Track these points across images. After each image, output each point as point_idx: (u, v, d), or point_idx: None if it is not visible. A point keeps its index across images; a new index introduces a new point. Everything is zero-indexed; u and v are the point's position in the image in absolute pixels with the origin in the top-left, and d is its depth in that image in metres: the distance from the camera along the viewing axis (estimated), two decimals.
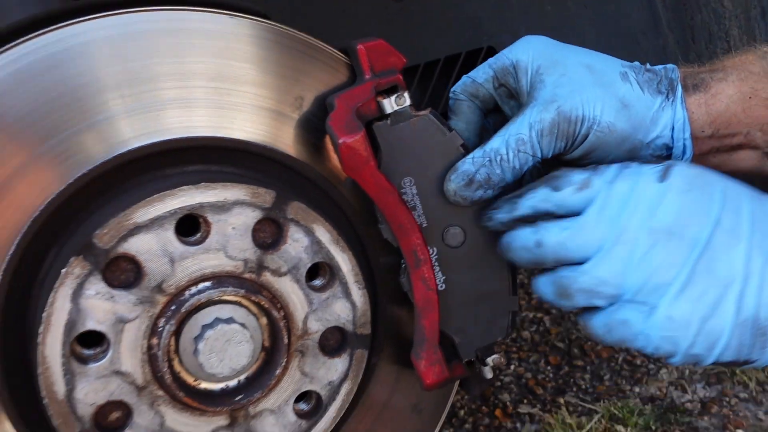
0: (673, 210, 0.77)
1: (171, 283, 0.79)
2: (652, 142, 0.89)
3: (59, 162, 0.78)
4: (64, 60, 0.77)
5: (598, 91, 0.87)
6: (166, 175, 0.84)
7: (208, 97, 0.84)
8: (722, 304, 0.76)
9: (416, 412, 1.06)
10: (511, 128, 0.87)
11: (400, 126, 0.89)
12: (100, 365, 0.77)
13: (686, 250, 0.76)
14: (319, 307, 0.88)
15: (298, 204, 0.85)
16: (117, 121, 0.80)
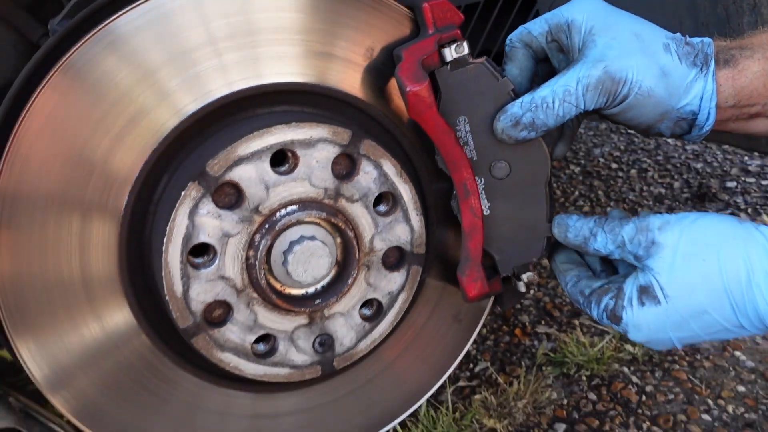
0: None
1: (266, 206, 0.95)
2: (681, 108, 1.00)
3: (178, 100, 0.93)
4: (184, 12, 0.91)
5: (643, 58, 0.97)
6: (258, 114, 0.99)
7: (296, 48, 0.98)
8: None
9: (457, 321, 1.23)
10: (560, 80, 0.98)
11: (458, 71, 1.02)
12: (208, 271, 0.94)
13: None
14: (383, 229, 1.04)
15: (369, 142, 1.00)
16: (224, 68, 0.94)
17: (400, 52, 1.01)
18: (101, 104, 0.89)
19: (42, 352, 0.94)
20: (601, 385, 1.90)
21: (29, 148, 0.89)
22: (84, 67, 0.88)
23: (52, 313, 0.94)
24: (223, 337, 0.97)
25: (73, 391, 0.98)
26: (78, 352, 0.96)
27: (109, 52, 0.89)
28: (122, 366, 0.99)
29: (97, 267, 0.94)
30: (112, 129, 0.90)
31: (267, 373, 1.02)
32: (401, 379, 1.22)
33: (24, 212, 0.89)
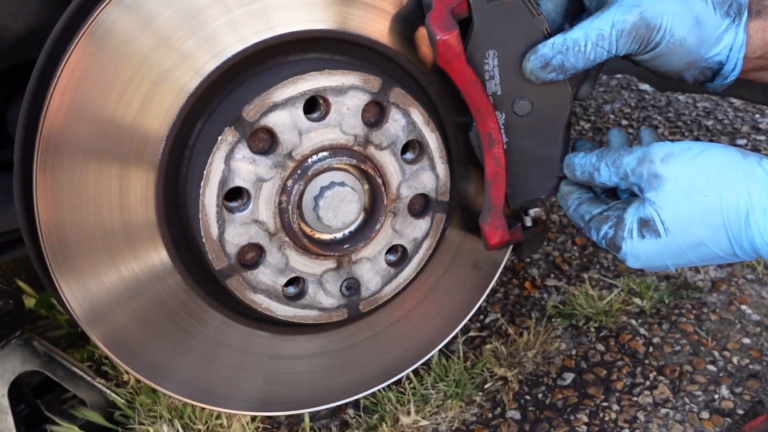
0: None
1: (298, 152, 0.97)
2: (710, 58, 1.01)
3: (213, 46, 0.94)
4: None
5: (679, 6, 0.97)
6: (290, 61, 1.00)
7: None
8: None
9: (476, 268, 1.27)
10: (594, 22, 0.98)
11: (494, 3, 1.01)
12: (243, 215, 0.97)
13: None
14: (409, 177, 1.06)
15: (399, 90, 1.01)
16: (259, 14, 0.95)
17: (430, 1, 1.02)
18: (132, 57, 0.91)
19: (82, 290, 0.98)
20: (609, 337, 1.95)
21: (66, 104, 0.91)
22: (110, 26, 0.90)
23: (93, 255, 0.97)
24: (256, 279, 1.01)
25: (109, 326, 1.02)
26: (115, 289, 1.00)
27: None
28: (156, 302, 1.03)
29: (136, 212, 0.97)
30: (145, 78, 0.93)
31: (296, 315, 1.06)
32: (418, 327, 1.26)
33: (66, 161, 0.92)
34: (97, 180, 0.94)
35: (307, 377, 1.19)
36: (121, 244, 0.97)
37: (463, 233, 1.23)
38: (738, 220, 0.93)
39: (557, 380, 1.84)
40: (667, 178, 0.95)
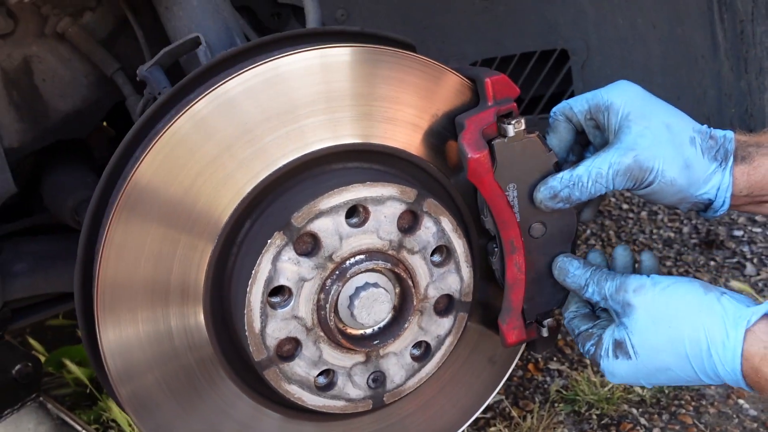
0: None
1: (338, 254, 1.06)
2: (699, 196, 1.12)
3: (267, 156, 1.04)
4: (278, 83, 1.02)
5: (670, 150, 1.09)
6: (334, 170, 1.10)
7: (372, 112, 1.09)
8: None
9: (491, 362, 1.34)
10: (595, 161, 1.10)
11: (514, 144, 1.13)
12: (284, 311, 1.05)
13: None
14: (437, 279, 1.14)
15: (431, 200, 1.10)
16: (309, 129, 1.05)
17: (462, 121, 1.12)
18: (196, 166, 1.02)
19: (121, 348, 1.04)
20: (610, 425, 2.00)
21: (145, 182, 1.01)
22: (177, 141, 1.01)
23: (138, 311, 1.04)
24: (291, 370, 1.07)
25: (136, 386, 1.07)
26: (151, 351, 1.06)
27: (216, 113, 1.01)
28: (184, 370, 1.09)
29: (188, 279, 1.06)
30: (205, 186, 1.03)
31: (325, 405, 1.12)
32: (433, 418, 1.32)
33: (137, 221, 1.02)
34: (161, 243, 1.03)
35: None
36: (166, 309, 1.06)
37: (480, 329, 1.30)
38: (700, 351, 1.04)
39: None
40: (637, 307, 1.08)
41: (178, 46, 1.23)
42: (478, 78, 1.15)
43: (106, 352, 1.03)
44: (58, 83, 1.60)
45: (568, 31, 1.85)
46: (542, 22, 1.87)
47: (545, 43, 1.88)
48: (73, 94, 1.63)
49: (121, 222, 1.00)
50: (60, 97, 1.62)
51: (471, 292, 1.18)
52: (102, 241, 1.00)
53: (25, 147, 1.64)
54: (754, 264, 2.67)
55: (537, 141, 1.13)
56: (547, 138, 1.21)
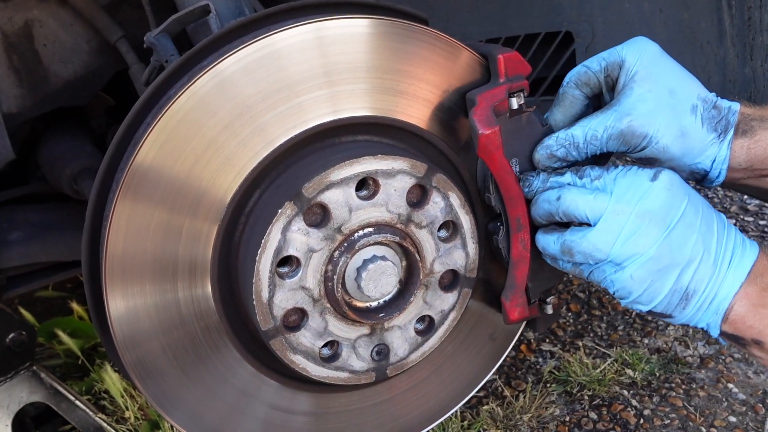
0: (657, 200, 1.02)
1: (347, 227, 1.05)
2: (693, 165, 1.11)
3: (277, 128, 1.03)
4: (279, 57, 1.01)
5: (668, 117, 1.08)
6: (343, 142, 1.09)
7: (383, 86, 1.09)
8: (667, 275, 1.03)
9: (492, 339, 1.34)
10: (591, 122, 1.10)
11: (515, 119, 1.13)
12: (292, 281, 1.05)
13: (659, 232, 1.02)
14: (443, 254, 1.15)
15: (441, 175, 1.10)
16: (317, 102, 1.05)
17: (474, 97, 1.12)
18: (198, 146, 1.02)
19: (128, 316, 1.04)
20: (601, 405, 2.03)
21: (149, 162, 0.99)
22: (178, 120, 1.00)
23: (146, 284, 1.04)
24: (297, 340, 1.07)
25: (141, 353, 1.07)
26: (158, 319, 1.06)
27: (215, 92, 1.00)
28: (189, 338, 1.09)
29: (195, 254, 1.05)
30: (209, 164, 1.02)
31: (329, 376, 1.12)
32: (433, 393, 1.33)
33: (145, 197, 1.01)
34: (168, 219, 1.02)
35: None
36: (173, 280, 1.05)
37: (483, 305, 1.31)
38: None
39: None
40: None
41: (186, 13, 1.21)
42: (490, 54, 1.15)
43: (114, 320, 1.03)
44: (59, 48, 1.58)
45: (574, 13, 1.85)
46: (547, 4, 1.86)
47: (550, 24, 1.87)
48: (74, 60, 1.61)
49: (126, 204, 0.99)
50: (61, 63, 1.59)
51: (476, 268, 1.19)
52: (108, 221, 0.99)
53: (25, 113, 1.62)
54: None
55: (535, 114, 1.14)
56: (552, 112, 1.20)
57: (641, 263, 1.02)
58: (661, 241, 1.02)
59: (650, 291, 1.04)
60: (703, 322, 1.07)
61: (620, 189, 1.04)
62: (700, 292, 1.04)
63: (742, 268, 1.04)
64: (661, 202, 1.02)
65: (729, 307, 1.04)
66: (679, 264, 1.03)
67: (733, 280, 1.04)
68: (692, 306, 1.05)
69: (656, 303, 1.06)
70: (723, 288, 1.04)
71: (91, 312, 1.09)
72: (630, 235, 1.02)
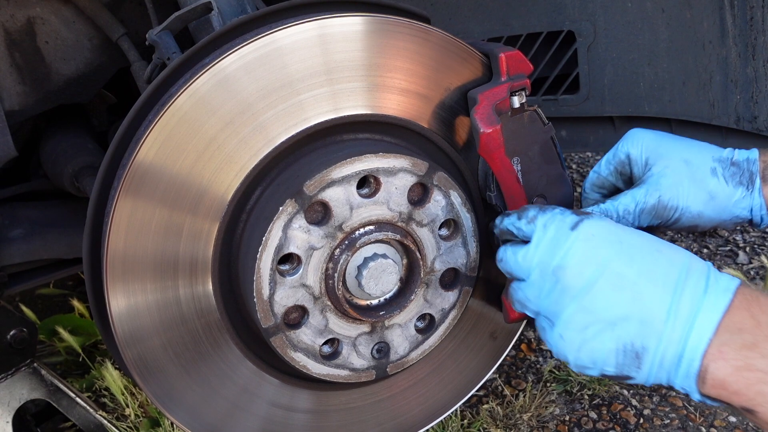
0: (573, 254, 0.94)
1: (348, 224, 1.06)
2: (733, 219, 1.13)
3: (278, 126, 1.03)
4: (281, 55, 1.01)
5: (692, 187, 1.10)
6: (345, 140, 1.09)
7: (385, 84, 1.09)
8: (601, 335, 0.91)
9: (492, 338, 1.34)
10: (623, 199, 1.12)
11: (516, 117, 1.14)
12: (293, 278, 1.05)
13: (575, 289, 0.93)
14: (444, 252, 1.15)
15: (442, 174, 1.10)
16: (318, 100, 1.05)
17: (475, 95, 1.12)
18: (198, 145, 1.02)
19: (129, 313, 1.04)
20: (601, 405, 2.03)
21: (149, 160, 0.99)
22: (178, 119, 1.00)
23: (147, 282, 1.04)
24: (298, 338, 1.08)
25: (142, 350, 1.07)
26: (159, 317, 1.06)
27: (216, 90, 1.00)
28: (191, 335, 1.09)
29: (196, 253, 1.05)
30: (209, 163, 1.02)
31: (330, 374, 1.12)
32: (433, 391, 1.33)
33: (145, 196, 1.01)
34: (168, 217, 1.02)
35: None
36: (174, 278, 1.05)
37: (483, 303, 1.31)
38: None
39: None
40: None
41: (189, 11, 1.22)
42: (492, 53, 1.15)
43: (115, 317, 1.03)
44: (61, 46, 1.58)
45: (576, 12, 1.85)
46: (550, 3, 1.86)
47: (552, 23, 1.88)
48: (76, 58, 1.61)
49: (127, 202, 1.00)
50: (63, 60, 1.60)
51: (476, 266, 1.19)
52: (109, 220, 1.00)
53: (26, 110, 1.62)
54: (746, 252, 2.70)
55: (537, 113, 1.14)
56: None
57: (564, 322, 0.94)
58: (578, 299, 0.92)
59: (587, 352, 0.93)
60: (677, 384, 0.92)
61: (545, 238, 0.97)
62: (650, 349, 0.90)
63: (708, 322, 0.87)
64: (578, 257, 0.93)
65: (701, 369, 0.87)
66: (611, 322, 0.91)
67: (698, 338, 0.87)
68: (647, 365, 0.91)
69: (603, 365, 0.93)
70: (689, 346, 0.88)
71: (92, 309, 1.09)
72: (549, 292, 0.96)
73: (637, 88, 1.81)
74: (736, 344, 0.85)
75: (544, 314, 0.98)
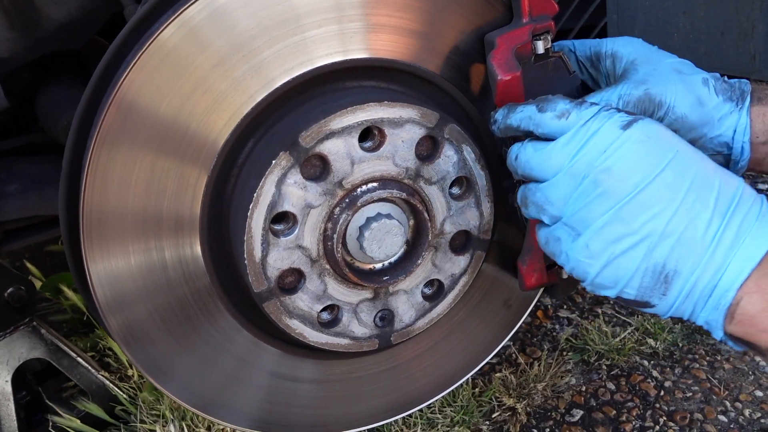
0: (623, 156, 0.83)
1: (349, 181, 0.96)
2: (715, 138, 1.04)
3: (270, 71, 0.93)
4: None
5: (681, 87, 1.02)
6: (348, 87, 0.99)
7: (392, 24, 0.97)
8: (633, 250, 0.83)
9: (506, 306, 1.25)
10: (604, 94, 1.02)
11: (540, 63, 1.03)
12: (287, 239, 0.96)
13: (618, 195, 0.83)
14: (455, 213, 1.05)
15: (454, 126, 1.00)
16: (319, 41, 0.94)
17: (493, 39, 1.01)
18: (187, 84, 0.90)
19: (110, 277, 0.96)
20: (620, 376, 1.94)
21: (130, 100, 0.89)
22: (165, 53, 0.89)
23: (129, 243, 0.95)
24: (293, 304, 0.99)
25: (127, 317, 0.99)
26: (143, 282, 0.98)
27: (211, 21, 0.89)
28: (179, 302, 1.01)
29: (182, 209, 0.96)
30: (198, 106, 0.92)
31: (328, 342, 1.04)
32: (442, 361, 1.25)
33: (123, 147, 0.91)
34: (151, 168, 0.93)
35: (308, 402, 1.17)
36: (158, 236, 0.96)
37: (497, 269, 1.21)
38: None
39: (566, 416, 1.83)
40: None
41: None
42: None
43: (95, 281, 0.95)
44: None
45: None
46: None
47: None
48: (67, 1, 1.51)
49: (105, 147, 0.90)
50: (53, 4, 1.50)
51: (490, 229, 1.09)
52: (85, 169, 0.90)
53: (17, 58, 1.53)
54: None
55: (563, 60, 1.03)
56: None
57: (595, 230, 0.84)
58: (619, 205, 0.83)
59: (612, 268, 0.85)
60: (701, 317, 0.85)
61: (584, 136, 0.86)
62: (683, 274, 0.83)
63: (754, 249, 0.80)
64: (628, 160, 0.84)
65: (734, 302, 0.81)
66: (647, 236, 0.83)
67: (739, 267, 0.81)
68: (675, 291, 0.84)
69: (624, 285, 0.85)
70: (726, 276, 0.81)
71: (72, 273, 1.01)
72: (585, 195, 0.85)
73: (671, 40, 1.68)
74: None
75: (568, 221, 0.87)
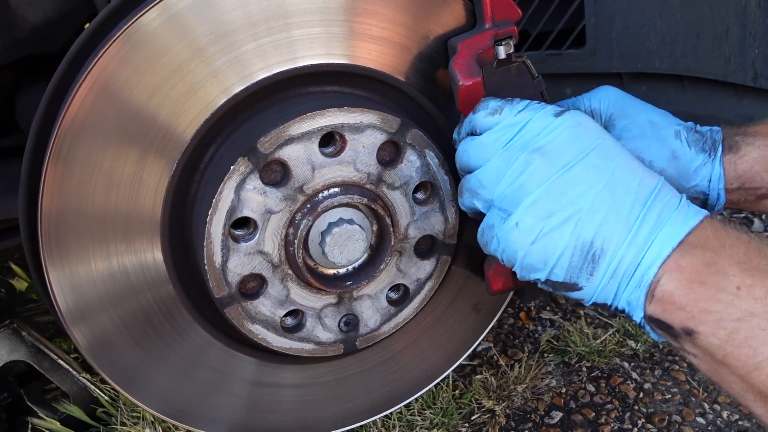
0: (555, 138, 0.87)
1: (310, 186, 0.96)
2: (692, 188, 1.09)
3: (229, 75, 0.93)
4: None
5: (655, 143, 1.07)
6: (310, 92, 0.99)
7: (351, 30, 0.97)
8: (561, 226, 0.85)
9: (475, 310, 1.25)
10: None
11: (502, 69, 1.02)
12: (248, 245, 0.96)
13: (549, 172, 0.86)
14: (419, 218, 1.05)
15: (416, 131, 1.00)
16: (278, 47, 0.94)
17: (455, 44, 1.01)
18: (161, 71, 0.89)
19: (71, 285, 0.95)
20: (600, 378, 1.94)
21: (97, 89, 0.89)
22: (144, 37, 0.88)
23: (89, 248, 0.95)
24: (255, 309, 0.99)
25: (91, 327, 0.99)
26: (105, 290, 0.97)
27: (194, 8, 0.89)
28: (143, 310, 1.01)
29: (143, 208, 0.96)
30: (170, 95, 0.91)
31: (292, 347, 1.04)
32: (412, 365, 1.25)
33: (83, 147, 0.90)
34: (112, 164, 0.92)
35: (291, 407, 1.17)
36: (119, 239, 0.96)
37: (466, 273, 1.21)
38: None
39: (545, 418, 1.83)
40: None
41: None
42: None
43: (55, 289, 0.95)
44: None
45: None
46: None
47: None
48: (43, 4, 1.51)
49: (66, 142, 0.89)
50: (29, 6, 1.50)
51: (456, 233, 1.09)
52: (45, 164, 0.90)
53: None
54: (762, 220, 2.58)
55: (525, 65, 1.03)
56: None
57: (526, 206, 0.86)
58: (550, 180, 0.85)
59: (541, 245, 0.85)
60: (623, 298, 0.86)
61: (516, 125, 0.89)
62: (609, 252, 0.84)
63: (674, 232, 0.83)
64: (559, 140, 0.86)
65: (654, 279, 0.83)
66: (576, 212, 0.84)
67: (660, 247, 0.83)
68: (602, 270, 0.85)
69: (554, 265, 0.86)
70: (648, 255, 0.83)
71: (35, 281, 1.01)
72: (517, 174, 0.87)
73: (648, 42, 1.67)
74: (695, 260, 0.82)
75: (499, 203, 0.90)
